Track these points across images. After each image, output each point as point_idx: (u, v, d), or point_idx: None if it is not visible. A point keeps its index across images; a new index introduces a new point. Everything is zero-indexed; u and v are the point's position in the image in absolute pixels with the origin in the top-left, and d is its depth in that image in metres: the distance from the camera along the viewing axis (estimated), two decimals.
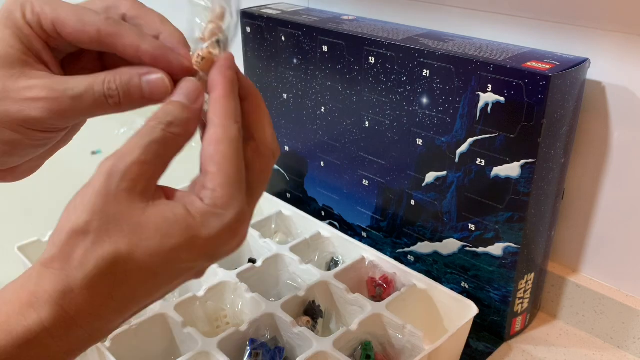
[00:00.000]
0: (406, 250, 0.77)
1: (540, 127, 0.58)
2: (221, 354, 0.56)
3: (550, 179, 0.63)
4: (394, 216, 0.77)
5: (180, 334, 0.61)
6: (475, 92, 0.61)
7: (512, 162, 0.61)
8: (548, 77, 0.55)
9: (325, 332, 0.65)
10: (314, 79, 0.79)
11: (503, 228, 0.65)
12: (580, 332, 0.71)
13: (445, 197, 0.69)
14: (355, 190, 0.81)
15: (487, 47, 0.64)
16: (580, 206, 0.69)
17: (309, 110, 0.82)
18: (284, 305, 0.63)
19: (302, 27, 0.77)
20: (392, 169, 0.74)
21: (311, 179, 0.87)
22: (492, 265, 0.67)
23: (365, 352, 0.60)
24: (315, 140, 0.83)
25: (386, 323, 0.61)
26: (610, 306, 0.68)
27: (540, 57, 0.60)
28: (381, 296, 0.68)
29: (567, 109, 0.60)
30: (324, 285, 0.67)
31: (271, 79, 0.85)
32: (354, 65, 0.73)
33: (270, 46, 0.83)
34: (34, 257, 0.71)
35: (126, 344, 0.59)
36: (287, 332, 0.61)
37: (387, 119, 0.72)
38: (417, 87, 0.67)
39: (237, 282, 0.66)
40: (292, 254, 0.71)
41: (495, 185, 0.63)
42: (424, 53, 0.65)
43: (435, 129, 0.67)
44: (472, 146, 0.64)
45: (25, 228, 0.92)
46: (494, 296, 0.69)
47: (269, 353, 0.59)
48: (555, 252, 0.72)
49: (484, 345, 0.70)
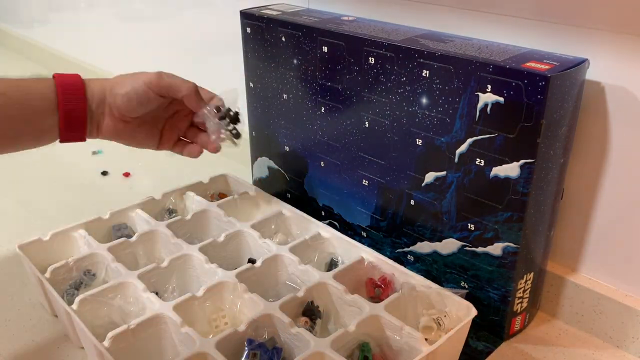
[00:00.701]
0: (406, 250, 0.77)
1: (540, 127, 0.58)
2: (219, 354, 0.56)
3: (550, 179, 0.63)
4: (393, 216, 0.77)
5: (178, 334, 0.61)
6: (475, 93, 0.61)
7: (512, 162, 0.61)
8: (547, 78, 0.55)
9: (324, 333, 0.65)
10: (314, 79, 0.79)
11: (502, 228, 0.65)
12: (579, 332, 0.71)
13: (445, 197, 0.69)
14: (355, 190, 0.81)
15: (487, 47, 0.64)
16: (580, 206, 0.69)
17: (309, 110, 0.82)
18: (283, 306, 0.63)
19: (302, 28, 0.77)
20: (391, 169, 0.74)
21: (311, 179, 0.87)
22: (492, 265, 0.67)
23: (363, 354, 0.60)
24: (315, 140, 0.83)
25: (384, 324, 0.61)
26: (609, 306, 0.68)
27: (539, 58, 0.60)
28: (380, 297, 0.68)
29: (566, 109, 0.60)
30: (323, 286, 0.67)
31: (271, 79, 0.86)
32: (354, 65, 0.73)
33: (270, 47, 0.83)
34: (34, 256, 0.71)
35: (125, 344, 0.60)
36: (285, 332, 0.61)
37: (387, 119, 0.72)
38: (416, 88, 0.67)
39: (236, 282, 0.67)
40: (291, 255, 0.72)
41: (495, 185, 0.63)
42: (423, 54, 0.65)
43: (435, 129, 0.67)
44: (471, 146, 0.64)
45: (25, 228, 0.93)
46: (493, 296, 0.69)
47: (267, 353, 0.59)
48: (554, 252, 0.72)
49: (484, 344, 0.70)
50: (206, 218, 0.82)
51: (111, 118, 0.67)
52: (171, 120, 0.73)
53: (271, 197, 0.86)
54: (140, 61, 1.41)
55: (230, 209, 0.83)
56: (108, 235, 0.80)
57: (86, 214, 0.79)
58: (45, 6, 1.75)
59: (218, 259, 0.72)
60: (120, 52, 1.48)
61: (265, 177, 0.96)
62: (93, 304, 0.64)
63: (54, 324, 0.72)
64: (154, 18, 1.34)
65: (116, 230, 0.80)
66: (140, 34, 1.39)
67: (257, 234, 0.76)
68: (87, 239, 0.75)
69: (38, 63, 1.80)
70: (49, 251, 0.74)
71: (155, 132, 0.72)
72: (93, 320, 0.63)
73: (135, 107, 0.67)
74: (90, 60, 1.59)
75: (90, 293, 0.65)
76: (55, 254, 0.74)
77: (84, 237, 0.76)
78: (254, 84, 0.89)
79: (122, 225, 0.81)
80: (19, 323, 0.73)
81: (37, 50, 1.81)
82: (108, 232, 0.80)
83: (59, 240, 0.76)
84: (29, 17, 1.87)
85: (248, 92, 0.91)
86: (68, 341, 0.70)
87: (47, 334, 0.71)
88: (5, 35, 1.99)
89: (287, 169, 0.91)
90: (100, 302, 0.65)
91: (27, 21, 1.88)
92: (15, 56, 1.92)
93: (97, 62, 1.57)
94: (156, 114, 0.71)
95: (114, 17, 1.47)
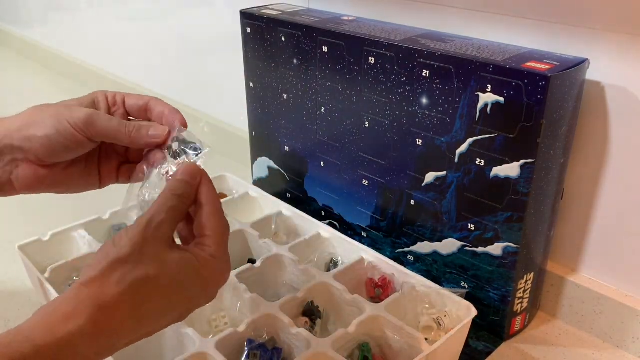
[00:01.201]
0: (406, 250, 0.77)
1: (540, 127, 0.58)
2: (219, 354, 0.56)
3: (550, 179, 0.63)
4: (393, 216, 0.77)
5: (178, 334, 0.61)
6: (475, 93, 0.61)
7: (512, 162, 0.61)
8: (547, 78, 0.55)
9: (324, 333, 0.65)
10: (314, 79, 0.79)
11: (502, 228, 0.64)
12: (580, 332, 0.71)
13: (445, 197, 0.69)
14: (355, 190, 0.81)
15: (487, 47, 0.64)
16: (580, 206, 0.69)
17: (309, 110, 0.82)
18: (283, 306, 0.63)
19: (302, 28, 0.77)
20: (391, 169, 0.74)
21: (311, 179, 0.87)
22: (492, 265, 0.67)
23: (363, 354, 0.60)
24: (315, 140, 0.83)
25: (384, 324, 0.61)
26: (609, 306, 0.68)
27: (539, 58, 0.60)
28: (380, 297, 0.68)
29: (566, 109, 0.60)
30: (323, 286, 0.67)
31: (271, 79, 0.85)
32: (354, 65, 0.73)
33: (270, 46, 0.83)
34: (34, 256, 0.71)
35: None
36: (285, 332, 0.61)
37: (387, 119, 0.72)
38: (416, 88, 0.67)
39: (236, 282, 0.67)
40: (291, 255, 0.71)
41: (495, 185, 0.63)
42: (423, 53, 0.65)
43: (435, 129, 0.67)
44: (471, 146, 0.64)
45: (25, 228, 0.93)
46: (493, 296, 0.69)
47: (267, 354, 0.59)
48: (554, 252, 0.72)
49: (484, 344, 0.70)
50: None
51: (28, 165, 0.53)
52: (106, 146, 0.56)
53: (271, 197, 0.86)
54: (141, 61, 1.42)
55: (230, 209, 0.83)
56: (108, 235, 0.80)
57: (86, 214, 0.79)
58: (45, 6, 1.75)
59: None
60: (120, 52, 1.48)
61: (265, 177, 0.96)
62: None
63: None
64: (154, 18, 1.34)
65: (116, 230, 0.80)
66: (140, 34, 1.39)
67: (257, 233, 0.76)
68: (87, 239, 0.75)
69: (38, 63, 1.80)
70: (49, 251, 0.74)
71: (92, 169, 0.57)
72: None
73: (61, 153, 0.52)
74: (90, 60, 1.59)
75: None
76: (55, 254, 0.74)
77: (84, 237, 0.76)
78: (254, 84, 0.89)
79: (122, 225, 0.81)
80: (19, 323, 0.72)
81: (37, 50, 1.82)
82: (108, 232, 0.80)
83: (58, 240, 0.76)
84: (29, 17, 1.87)
85: (248, 92, 0.91)
86: None
87: None
88: (5, 35, 1.99)
89: (287, 169, 0.91)
90: None
91: (27, 21, 1.88)
92: (15, 56, 1.92)
93: (97, 62, 1.57)
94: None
95: (114, 17, 1.47)
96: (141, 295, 0.42)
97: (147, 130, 0.52)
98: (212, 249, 0.46)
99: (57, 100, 0.55)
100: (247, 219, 0.81)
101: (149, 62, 1.39)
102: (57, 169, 0.54)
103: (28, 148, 0.51)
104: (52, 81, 1.67)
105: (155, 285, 0.43)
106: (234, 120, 1.15)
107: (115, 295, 0.41)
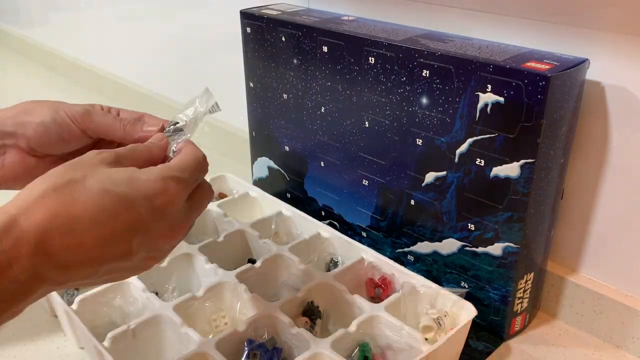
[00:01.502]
0: (406, 250, 0.77)
1: (540, 127, 0.58)
2: (219, 354, 0.56)
3: (550, 179, 0.63)
4: (393, 216, 0.77)
5: (178, 334, 0.61)
6: (475, 93, 0.61)
7: (512, 162, 0.61)
8: (547, 78, 0.55)
9: (324, 333, 0.65)
10: (314, 79, 0.79)
11: (502, 228, 0.64)
12: (580, 332, 0.71)
13: (445, 197, 0.69)
14: (355, 190, 0.81)
15: (487, 47, 0.64)
16: (580, 206, 0.69)
17: (309, 110, 0.82)
18: (283, 306, 0.63)
19: (302, 28, 0.77)
20: (391, 169, 0.74)
21: (311, 179, 0.87)
22: (492, 265, 0.67)
23: (363, 354, 0.60)
24: (315, 140, 0.83)
25: (384, 324, 0.61)
26: (609, 306, 0.68)
27: (539, 58, 0.60)
28: (380, 297, 0.68)
29: (566, 109, 0.60)
30: (323, 286, 0.67)
31: (271, 79, 0.85)
32: (354, 65, 0.73)
33: (270, 46, 0.83)
34: None
35: (125, 344, 0.60)
36: (285, 332, 0.61)
37: (387, 119, 0.72)
38: (416, 88, 0.67)
39: (236, 282, 0.67)
40: (291, 255, 0.71)
41: (495, 185, 0.63)
42: (423, 53, 0.65)
43: (435, 129, 0.67)
44: (471, 146, 0.64)
45: None
46: (493, 296, 0.69)
47: (267, 354, 0.59)
48: (554, 252, 0.72)
49: (484, 344, 0.70)
50: (206, 218, 0.82)
51: (17, 152, 0.51)
52: (98, 145, 0.55)
53: (271, 197, 0.86)
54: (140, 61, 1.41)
55: (230, 209, 0.83)
56: None
57: None
58: (45, 6, 1.75)
59: (218, 259, 0.72)
60: (120, 52, 1.48)
61: (265, 177, 0.96)
62: (93, 304, 0.64)
63: (54, 324, 0.72)
64: (154, 18, 1.34)
65: None
66: (140, 34, 1.39)
67: (257, 233, 0.76)
68: None
69: (38, 63, 1.80)
70: None
71: None
72: (93, 320, 0.63)
73: (54, 144, 0.51)
74: (90, 60, 1.59)
75: (90, 293, 0.65)
76: None
77: None
78: (254, 84, 0.89)
79: None
80: (19, 323, 0.72)
81: (37, 50, 1.81)
82: None
83: None
84: (29, 17, 1.87)
85: (248, 92, 0.91)
86: (68, 341, 0.70)
87: (47, 334, 0.71)
88: (5, 35, 1.99)
89: (287, 169, 0.91)
90: (100, 302, 0.65)
91: (27, 21, 1.88)
92: (15, 56, 1.92)
93: (97, 62, 1.57)
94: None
95: (113, 17, 1.47)
96: (65, 195, 0.38)
97: (142, 125, 0.52)
98: (167, 171, 0.42)
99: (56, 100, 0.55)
100: (247, 219, 0.81)
101: (149, 61, 1.39)
102: (47, 161, 0.52)
103: (21, 133, 0.50)
104: (52, 81, 1.67)
105: (82, 187, 0.39)
106: (234, 120, 1.15)
107: (37, 196, 0.38)
